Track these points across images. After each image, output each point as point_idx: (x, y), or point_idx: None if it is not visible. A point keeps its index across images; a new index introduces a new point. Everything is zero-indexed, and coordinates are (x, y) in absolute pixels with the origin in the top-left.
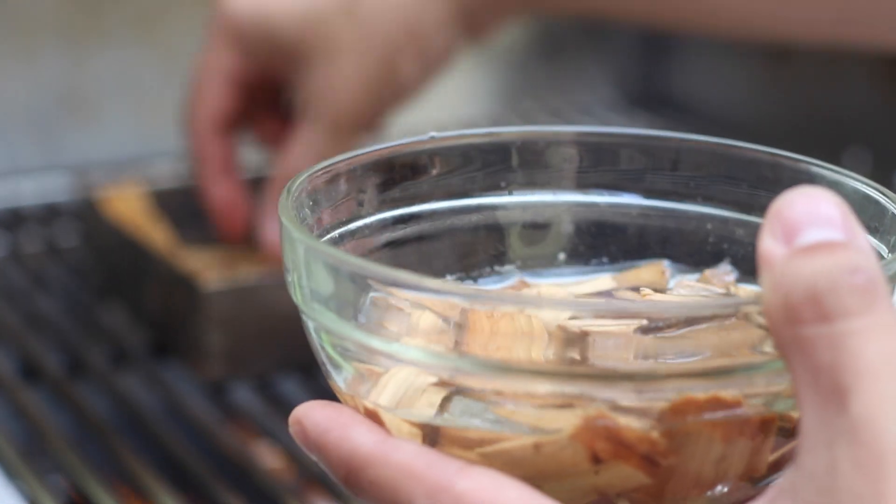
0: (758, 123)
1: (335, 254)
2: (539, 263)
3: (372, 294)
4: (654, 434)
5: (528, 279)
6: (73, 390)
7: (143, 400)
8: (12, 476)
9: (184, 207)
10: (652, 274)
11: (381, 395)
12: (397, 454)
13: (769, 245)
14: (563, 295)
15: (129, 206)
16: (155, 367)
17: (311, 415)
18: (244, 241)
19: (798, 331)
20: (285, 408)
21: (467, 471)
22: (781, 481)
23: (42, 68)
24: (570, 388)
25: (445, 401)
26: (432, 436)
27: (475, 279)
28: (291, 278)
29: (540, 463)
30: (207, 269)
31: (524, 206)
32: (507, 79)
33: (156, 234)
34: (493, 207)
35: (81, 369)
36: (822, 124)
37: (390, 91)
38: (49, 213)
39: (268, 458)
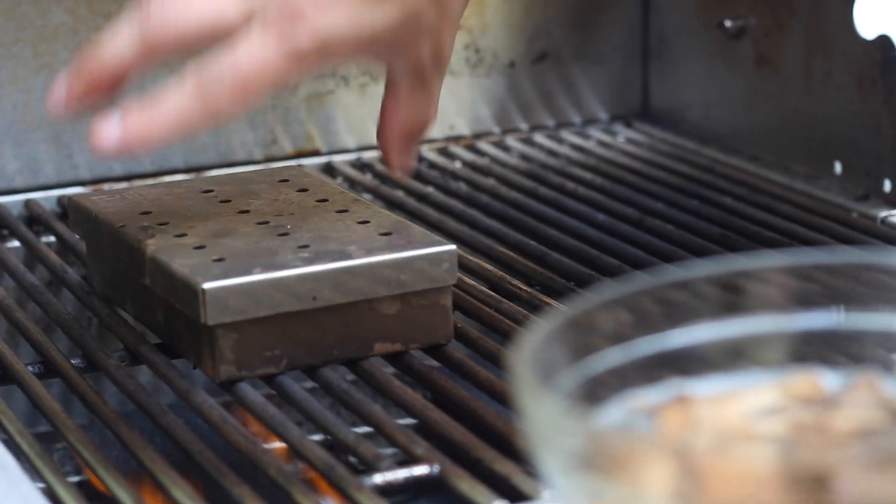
0: (743, 133)
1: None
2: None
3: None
4: None
5: (687, 387)
6: (87, 386)
7: (154, 397)
8: (30, 468)
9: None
10: (806, 386)
11: None
12: None
13: None
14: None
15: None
16: (164, 366)
17: None
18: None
19: None
20: (292, 405)
21: None
22: None
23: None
24: None
25: None
26: None
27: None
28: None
29: None
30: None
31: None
32: (495, 88)
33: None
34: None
35: (94, 367)
36: (809, 133)
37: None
38: (64, 215)
39: (276, 453)
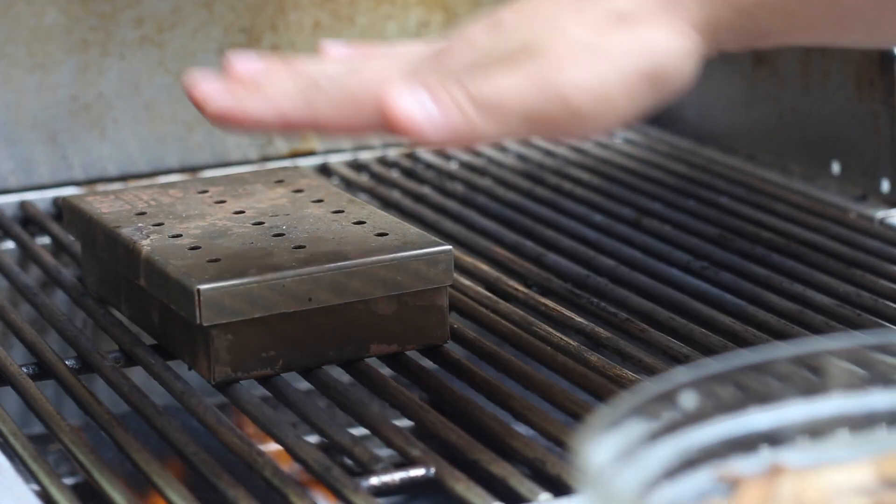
0: (740, 133)
1: None
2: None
3: None
4: None
5: (783, 456)
6: (81, 387)
7: (149, 398)
8: (25, 470)
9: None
10: None
11: None
12: None
13: None
14: None
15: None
16: (159, 367)
17: None
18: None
19: None
20: (288, 406)
21: None
22: None
23: (53, 79)
24: None
25: None
26: None
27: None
28: None
29: None
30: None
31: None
32: None
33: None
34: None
35: (88, 368)
36: (807, 132)
37: None
38: (59, 216)
39: (271, 455)
